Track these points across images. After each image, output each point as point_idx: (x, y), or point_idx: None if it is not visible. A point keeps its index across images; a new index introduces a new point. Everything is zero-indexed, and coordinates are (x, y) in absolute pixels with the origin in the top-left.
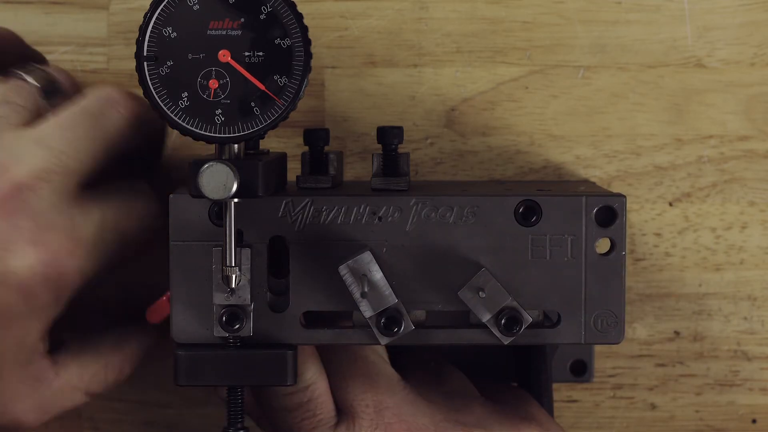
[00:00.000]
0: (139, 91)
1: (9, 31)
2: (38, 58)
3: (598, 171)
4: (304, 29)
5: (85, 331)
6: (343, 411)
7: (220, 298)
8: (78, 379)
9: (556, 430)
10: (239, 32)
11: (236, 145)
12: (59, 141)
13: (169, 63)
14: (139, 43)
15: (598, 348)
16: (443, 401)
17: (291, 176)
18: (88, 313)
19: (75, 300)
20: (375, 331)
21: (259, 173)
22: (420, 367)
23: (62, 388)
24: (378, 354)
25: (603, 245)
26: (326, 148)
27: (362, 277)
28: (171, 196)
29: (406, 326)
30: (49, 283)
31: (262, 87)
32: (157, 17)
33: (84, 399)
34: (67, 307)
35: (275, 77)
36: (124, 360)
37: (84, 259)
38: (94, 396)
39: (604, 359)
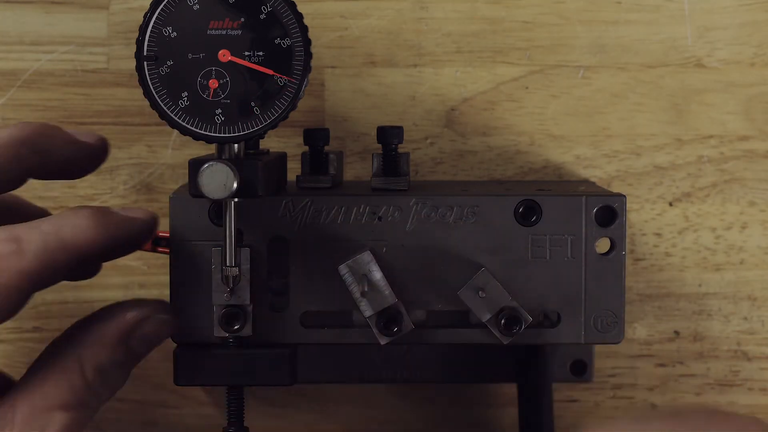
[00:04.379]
0: (140, 91)
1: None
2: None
3: (598, 171)
4: (304, 29)
5: None
6: None
7: (219, 298)
8: None
9: None
10: (239, 32)
11: (236, 145)
12: None
13: (169, 63)
14: (139, 42)
15: (598, 348)
16: None
17: (291, 176)
18: None
19: None
20: (375, 330)
21: (259, 173)
22: None
23: None
24: None
25: (603, 245)
26: (326, 148)
27: (362, 276)
28: (171, 195)
29: (406, 326)
30: None
31: (270, 72)
32: (157, 17)
33: None
34: None
35: (275, 77)
36: None
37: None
38: None
39: (604, 359)
